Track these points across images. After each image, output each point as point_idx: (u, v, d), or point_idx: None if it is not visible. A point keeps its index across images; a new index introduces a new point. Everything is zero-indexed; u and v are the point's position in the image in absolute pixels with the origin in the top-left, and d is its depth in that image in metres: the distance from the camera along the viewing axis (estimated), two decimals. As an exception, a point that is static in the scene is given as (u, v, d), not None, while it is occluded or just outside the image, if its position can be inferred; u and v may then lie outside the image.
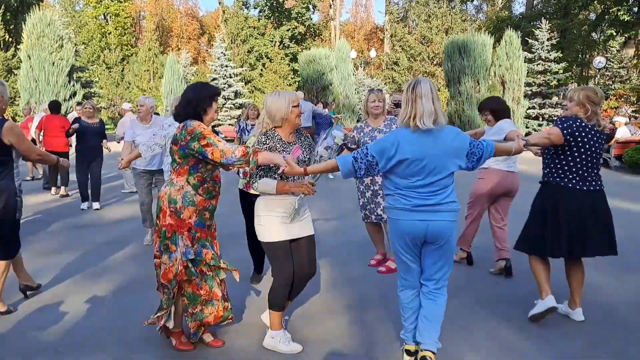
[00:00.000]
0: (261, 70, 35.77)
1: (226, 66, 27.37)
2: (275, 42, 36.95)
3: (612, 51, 25.46)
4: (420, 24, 32.15)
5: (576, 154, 3.41)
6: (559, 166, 3.48)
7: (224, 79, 27.06)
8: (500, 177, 4.58)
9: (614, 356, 3.18)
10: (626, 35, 26.88)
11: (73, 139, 8.73)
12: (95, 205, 7.84)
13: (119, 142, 8.38)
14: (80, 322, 3.76)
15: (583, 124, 3.41)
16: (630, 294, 4.26)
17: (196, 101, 3.21)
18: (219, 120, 25.98)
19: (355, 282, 4.56)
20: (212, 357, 3.23)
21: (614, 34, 26.74)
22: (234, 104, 26.34)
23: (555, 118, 20.71)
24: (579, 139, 3.39)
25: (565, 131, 3.39)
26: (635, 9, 26.44)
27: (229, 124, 24.87)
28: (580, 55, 29.98)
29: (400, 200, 2.88)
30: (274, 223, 3.16)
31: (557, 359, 3.14)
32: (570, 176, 3.44)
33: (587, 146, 3.41)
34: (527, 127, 19.02)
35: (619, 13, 25.66)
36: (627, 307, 3.96)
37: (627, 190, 9.44)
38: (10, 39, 25.28)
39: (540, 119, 21.31)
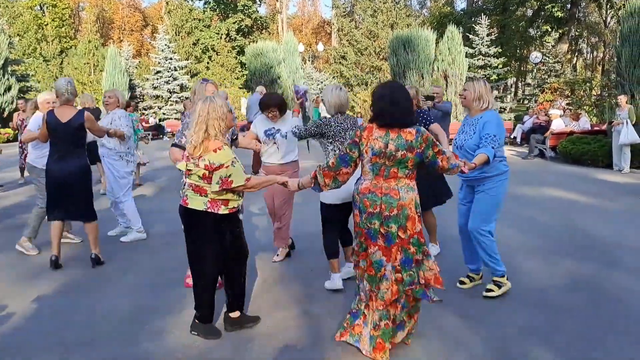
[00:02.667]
0: (207, 63, 35.16)
1: (170, 59, 26.73)
2: (222, 34, 36.37)
3: (547, 46, 26.60)
4: (366, 19, 32.38)
5: None
6: None
7: (168, 71, 26.42)
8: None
9: (545, 339, 3.38)
10: (560, 32, 28.19)
11: None
12: None
13: None
14: (17, 325, 3.65)
15: None
16: (560, 277, 4.52)
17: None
18: (164, 114, 25.38)
19: (301, 276, 4.62)
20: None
21: (549, 30, 27.99)
22: (179, 98, 25.80)
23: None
24: None
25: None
26: (569, 6, 27.77)
27: (175, 118, 24.34)
28: (518, 51, 31.15)
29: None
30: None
31: (492, 342, 3.32)
32: None
33: None
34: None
35: (553, 10, 26.88)
36: (557, 291, 4.20)
37: (562, 180, 9.94)
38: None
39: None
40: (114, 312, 3.86)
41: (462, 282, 4.28)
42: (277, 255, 5.07)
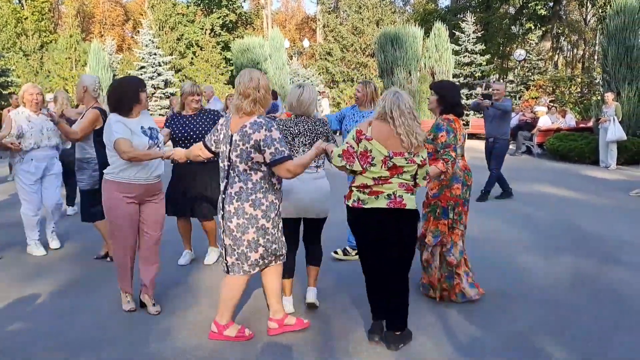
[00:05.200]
0: (192, 58, 34.81)
1: (155, 54, 26.39)
2: (206, 30, 36.04)
3: (531, 44, 26.88)
4: (351, 15, 32.40)
5: None
6: None
7: (152, 67, 26.08)
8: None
9: (556, 336, 3.41)
10: (543, 29, 28.50)
11: None
12: (70, 210, 6.98)
13: None
14: (19, 326, 3.58)
15: None
16: (561, 274, 4.58)
17: None
18: (149, 110, 25.04)
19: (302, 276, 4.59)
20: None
21: (533, 27, 28.27)
22: (164, 94, 25.50)
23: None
24: None
25: None
26: (551, 4, 28.08)
27: (160, 114, 24.06)
28: (501, 48, 31.41)
29: None
30: None
31: (504, 339, 3.35)
32: None
33: None
34: (456, 117, 19.69)
35: (536, 7, 27.15)
36: (560, 288, 4.25)
37: (550, 176, 10.08)
38: None
39: (467, 108, 22.10)
40: (118, 312, 3.80)
41: (336, 252, 4.99)
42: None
